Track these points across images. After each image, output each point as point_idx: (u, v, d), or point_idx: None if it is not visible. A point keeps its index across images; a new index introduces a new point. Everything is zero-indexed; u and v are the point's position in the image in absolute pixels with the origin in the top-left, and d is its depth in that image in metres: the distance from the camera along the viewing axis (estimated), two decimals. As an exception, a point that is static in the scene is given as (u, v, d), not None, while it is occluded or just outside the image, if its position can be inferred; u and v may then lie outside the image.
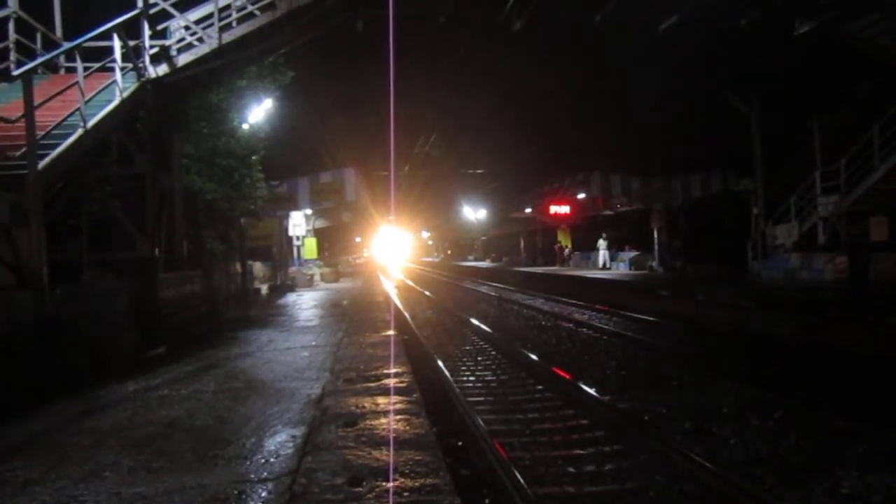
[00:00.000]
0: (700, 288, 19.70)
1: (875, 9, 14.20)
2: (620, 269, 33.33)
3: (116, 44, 10.98)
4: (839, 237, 19.29)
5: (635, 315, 17.29)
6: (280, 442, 5.41)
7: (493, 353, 13.09)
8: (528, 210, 45.45)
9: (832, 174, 19.68)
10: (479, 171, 45.00)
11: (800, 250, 20.36)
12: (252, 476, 4.62)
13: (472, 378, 10.81)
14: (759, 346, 12.30)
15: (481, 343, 14.36)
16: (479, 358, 12.60)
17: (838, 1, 14.33)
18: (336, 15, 13.69)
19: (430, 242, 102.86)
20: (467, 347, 13.90)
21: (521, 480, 5.76)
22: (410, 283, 38.82)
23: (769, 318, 14.66)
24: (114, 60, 10.97)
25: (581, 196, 36.96)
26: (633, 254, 34.05)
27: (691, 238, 32.02)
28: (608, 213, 39.80)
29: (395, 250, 79.38)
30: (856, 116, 19.46)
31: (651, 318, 16.48)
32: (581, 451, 6.89)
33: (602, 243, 35.55)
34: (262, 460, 4.96)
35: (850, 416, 7.47)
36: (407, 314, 19.64)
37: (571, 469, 6.41)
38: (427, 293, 29.47)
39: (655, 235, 32.39)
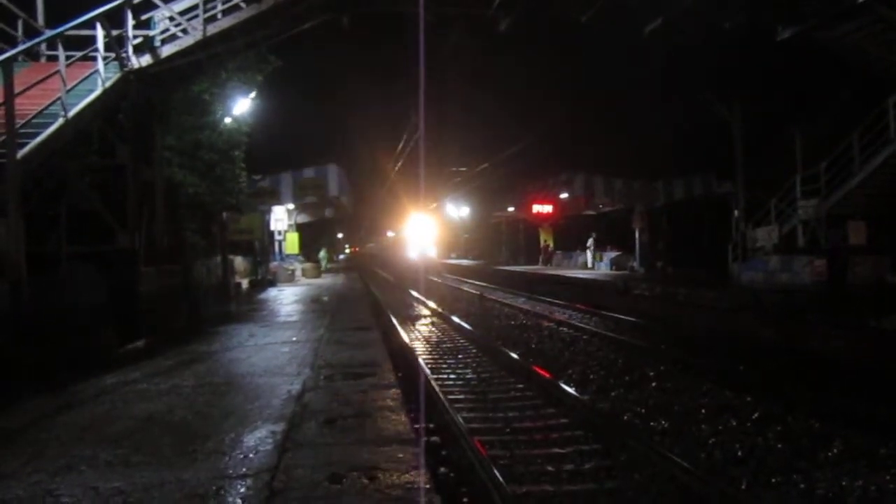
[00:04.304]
0: (681, 289, 19.82)
1: (855, 17, 14.35)
2: (602, 269, 33.47)
3: (99, 33, 10.88)
4: (818, 240, 19.48)
5: (616, 315, 17.37)
6: (260, 438, 5.38)
7: (474, 350, 13.10)
8: (511, 209, 45.48)
9: (812, 178, 19.86)
10: (463, 169, 44.95)
11: (779, 253, 20.53)
12: (231, 472, 4.60)
13: (452, 376, 10.80)
14: (738, 348, 12.38)
15: (462, 340, 14.36)
16: (460, 356, 12.61)
17: (820, 9, 14.46)
18: (322, 10, 13.64)
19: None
20: (448, 345, 13.90)
21: (500, 478, 5.77)
22: (391, 279, 38.72)
23: (747, 321, 14.81)
24: (96, 50, 10.87)
25: (564, 196, 37.04)
26: (614, 254, 34.20)
27: (673, 239, 32.22)
28: (590, 212, 39.95)
29: (416, 241, 59.10)
30: (836, 121, 19.64)
31: (631, 319, 16.56)
32: (560, 450, 6.90)
33: (590, 242, 35.75)
34: (242, 456, 4.93)
35: (826, 418, 7.54)
36: (387, 310, 19.61)
37: (550, 468, 6.42)
38: (409, 290, 29.47)
39: (637, 236, 32.57)
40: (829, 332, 12.62)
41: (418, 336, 15.13)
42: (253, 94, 19.79)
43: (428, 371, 10.53)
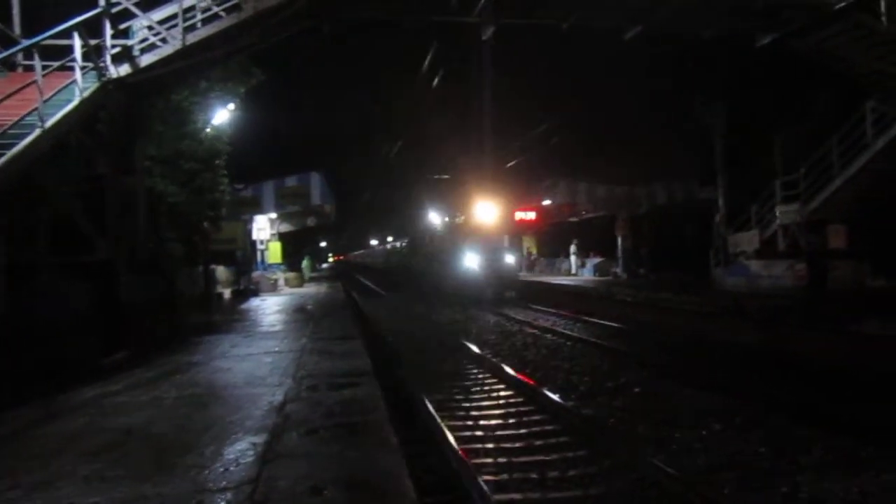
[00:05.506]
0: (663, 294, 19.91)
1: (834, 22, 14.47)
2: (585, 276, 33.59)
3: (77, 42, 10.77)
4: (799, 245, 19.62)
5: (598, 321, 17.41)
6: (241, 450, 5.33)
7: (460, 358, 13.06)
8: (494, 216, 45.40)
9: (792, 183, 20.03)
10: (446, 177, 44.91)
11: (760, 258, 20.67)
12: (212, 485, 4.55)
13: (437, 384, 10.75)
14: (720, 353, 12.44)
15: (447, 348, 14.30)
16: (445, 365, 12.55)
17: (799, 14, 14.57)
18: (303, 18, 13.59)
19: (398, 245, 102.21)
20: (433, 354, 13.83)
21: (485, 487, 5.75)
22: (374, 287, 38.61)
23: (729, 325, 14.88)
24: (74, 59, 10.76)
25: (547, 202, 37.12)
26: (597, 260, 34.32)
27: (655, 245, 32.34)
28: (574, 219, 40.07)
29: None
30: (817, 126, 19.81)
31: (614, 324, 16.60)
32: (545, 458, 6.89)
33: (573, 249, 35.88)
34: (223, 469, 4.88)
35: (807, 422, 7.57)
36: (370, 317, 19.56)
37: (534, 475, 6.40)
38: (392, 296, 29.41)
39: (619, 242, 32.69)
40: (810, 337, 12.71)
41: (401, 343, 15.03)
42: (235, 105, 19.75)
43: (412, 378, 10.50)
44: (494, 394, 10.00)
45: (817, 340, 12.39)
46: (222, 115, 19.47)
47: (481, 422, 8.43)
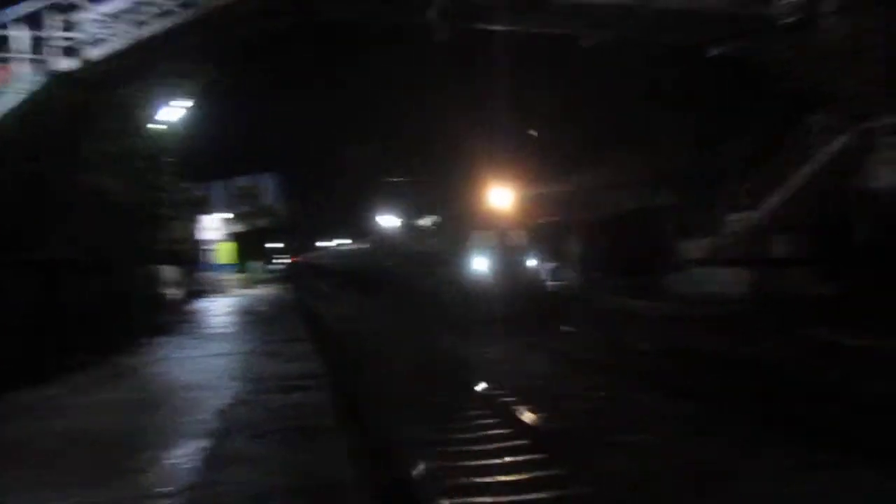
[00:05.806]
0: (614, 299, 20.12)
1: (783, 37, 14.82)
2: (539, 281, 33.74)
3: (20, 35, 10.49)
4: (747, 252, 19.98)
5: (550, 324, 17.41)
6: (185, 454, 5.24)
7: (418, 361, 12.94)
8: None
9: (743, 191, 20.43)
10: (401, 180, 44.75)
11: (710, 265, 21.00)
12: (154, 490, 4.45)
13: (391, 388, 10.64)
14: (671, 357, 12.55)
15: (401, 349, 14.18)
16: (399, 367, 12.42)
17: (745, 28, 14.89)
18: (258, 17, 13.43)
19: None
20: (386, 355, 13.70)
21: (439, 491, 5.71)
22: (334, 292, 38.33)
23: (680, 330, 15.08)
24: (17, 52, 10.48)
25: (503, 208, 37.20)
26: (551, 265, 34.51)
27: (609, 250, 32.69)
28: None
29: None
30: (768, 137, 20.23)
31: (565, 328, 16.63)
32: (499, 461, 6.86)
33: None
34: (166, 474, 4.78)
35: (762, 424, 7.65)
36: (323, 318, 19.37)
37: (487, 479, 6.37)
38: (344, 300, 29.24)
39: (574, 248, 32.96)
40: (758, 341, 12.91)
41: (354, 348, 14.86)
42: (189, 103, 19.43)
43: (365, 382, 10.39)
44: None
45: (765, 345, 12.59)
46: (174, 113, 19.14)
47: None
